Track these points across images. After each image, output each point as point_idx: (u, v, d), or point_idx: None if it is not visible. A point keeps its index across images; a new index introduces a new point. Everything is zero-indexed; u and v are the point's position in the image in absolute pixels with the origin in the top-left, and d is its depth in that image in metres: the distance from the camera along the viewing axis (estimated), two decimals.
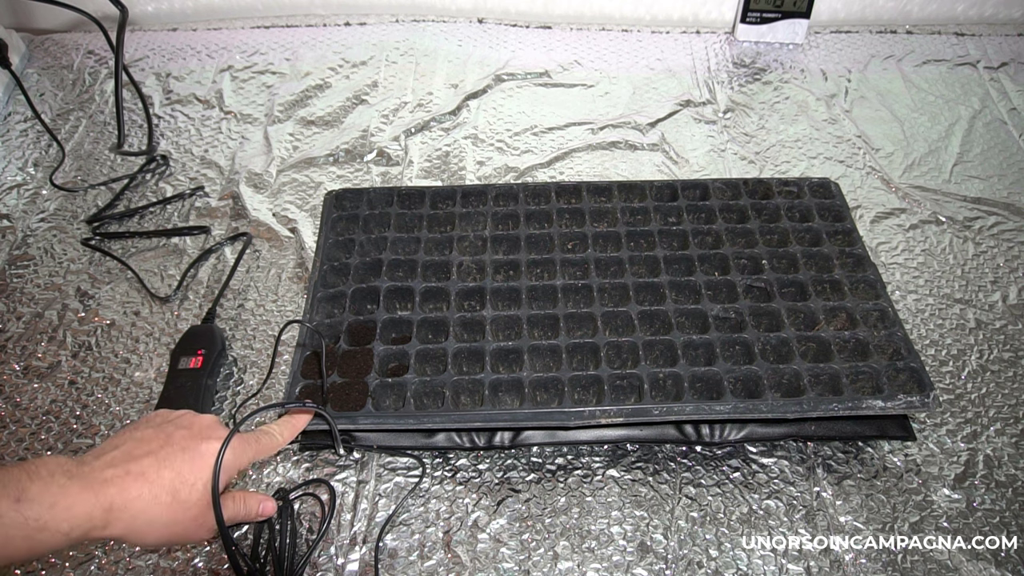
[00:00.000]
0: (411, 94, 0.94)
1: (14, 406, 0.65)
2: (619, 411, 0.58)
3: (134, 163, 0.86)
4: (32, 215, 0.81)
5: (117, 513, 0.42)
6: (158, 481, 0.44)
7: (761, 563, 0.55)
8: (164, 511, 0.44)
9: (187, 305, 0.72)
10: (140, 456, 0.44)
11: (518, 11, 1.07)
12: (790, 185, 0.76)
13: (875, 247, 0.77)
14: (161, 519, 0.44)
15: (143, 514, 0.43)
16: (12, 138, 0.90)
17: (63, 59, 1.00)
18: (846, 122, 0.91)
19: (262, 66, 0.98)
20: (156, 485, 0.44)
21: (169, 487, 0.44)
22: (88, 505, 0.41)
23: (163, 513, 0.44)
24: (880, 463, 0.61)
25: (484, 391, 0.60)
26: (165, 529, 0.45)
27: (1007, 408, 0.65)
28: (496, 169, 0.85)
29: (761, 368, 0.60)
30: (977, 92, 0.95)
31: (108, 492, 0.42)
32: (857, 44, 1.02)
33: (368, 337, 0.64)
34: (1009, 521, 0.58)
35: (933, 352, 0.69)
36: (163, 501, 0.44)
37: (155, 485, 0.44)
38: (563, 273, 0.68)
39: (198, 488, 0.45)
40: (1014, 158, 0.87)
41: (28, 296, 0.73)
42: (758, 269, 0.69)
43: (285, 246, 0.77)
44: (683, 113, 0.92)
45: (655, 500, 0.59)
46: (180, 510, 0.45)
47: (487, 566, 0.55)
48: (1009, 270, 0.75)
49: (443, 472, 0.61)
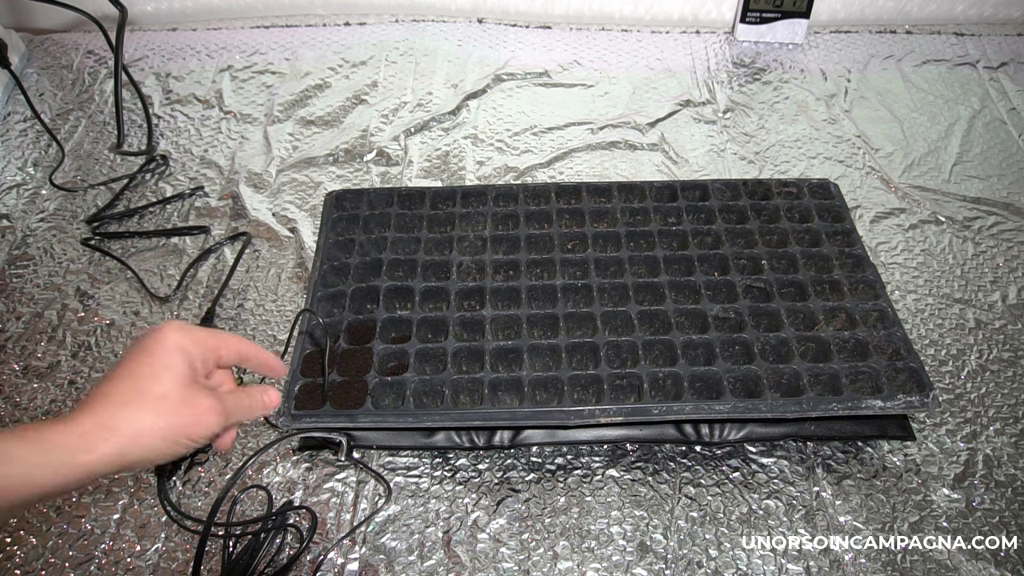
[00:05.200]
0: (411, 94, 0.94)
1: (14, 406, 0.65)
2: (619, 411, 0.58)
3: (134, 163, 0.86)
4: (32, 215, 0.81)
5: (95, 435, 0.40)
6: (120, 391, 0.41)
7: (761, 563, 0.56)
8: (146, 416, 0.41)
9: (187, 305, 0.72)
10: (98, 386, 0.42)
11: (518, 11, 1.07)
12: (789, 186, 0.76)
13: (875, 247, 0.77)
14: (146, 423, 0.41)
15: (125, 425, 0.40)
16: (12, 138, 0.90)
17: (63, 59, 1.00)
18: (846, 122, 0.91)
19: (262, 66, 0.98)
20: (121, 395, 0.41)
21: (135, 390, 0.41)
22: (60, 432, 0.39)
23: (145, 418, 0.41)
24: (880, 463, 0.61)
25: (484, 390, 0.60)
26: (158, 431, 0.42)
27: (1007, 408, 0.65)
28: (496, 169, 0.85)
29: (760, 368, 0.61)
30: (977, 92, 0.95)
31: (78, 419, 0.39)
32: (857, 44, 1.02)
33: (368, 336, 0.64)
34: (1009, 521, 0.58)
35: (933, 352, 0.69)
36: (137, 405, 0.41)
37: (120, 396, 0.41)
38: (563, 273, 0.68)
39: (162, 376, 0.42)
40: (1014, 158, 0.87)
41: (28, 296, 0.73)
42: (758, 269, 0.69)
43: (285, 246, 0.77)
44: (683, 113, 0.92)
45: (655, 500, 0.59)
46: (161, 404, 0.42)
47: (487, 566, 0.55)
48: (1009, 270, 0.75)
49: (443, 472, 0.61)
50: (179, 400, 0.42)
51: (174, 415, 0.42)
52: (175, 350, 0.44)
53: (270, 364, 0.51)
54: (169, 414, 0.42)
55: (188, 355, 0.44)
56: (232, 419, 0.46)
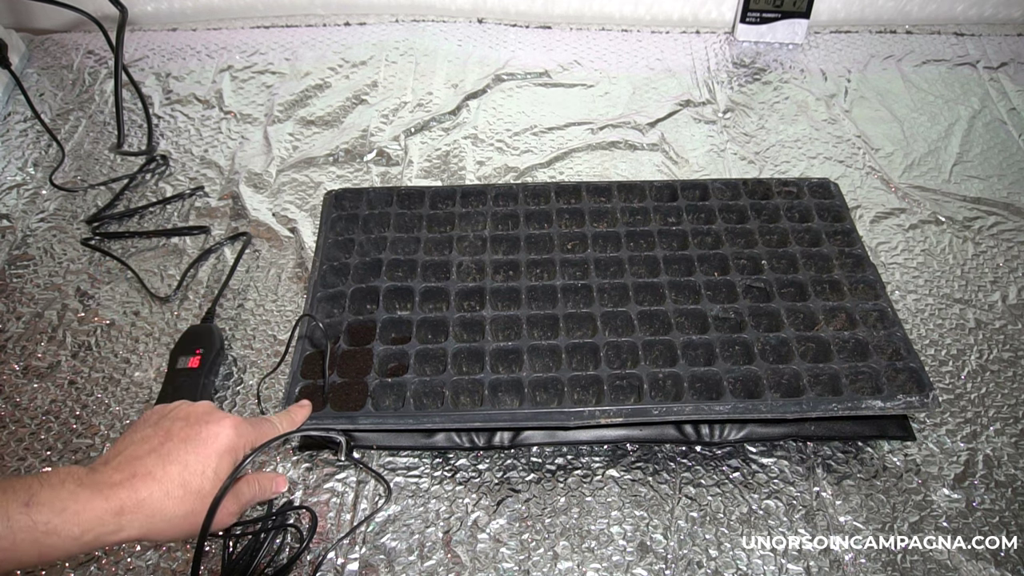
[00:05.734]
0: (411, 94, 0.94)
1: (14, 406, 0.65)
2: (619, 411, 0.58)
3: (134, 163, 0.86)
4: (32, 215, 0.81)
5: (130, 515, 0.42)
6: (166, 477, 0.44)
7: (761, 563, 0.56)
8: (179, 505, 0.44)
9: (187, 305, 0.72)
10: (143, 456, 0.44)
11: (518, 11, 1.07)
12: (789, 185, 0.76)
13: (875, 247, 0.77)
14: (178, 513, 0.44)
15: (159, 512, 0.43)
16: (12, 138, 0.90)
17: (63, 59, 1.00)
18: (846, 122, 0.91)
19: (262, 66, 0.98)
20: (165, 481, 0.44)
21: (179, 480, 0.44)
22: (98, 509, 0.41)
23: (178, 507, 0.44)
24: (880, 463, 0.61)
25: (484, 391, 0.60)
26: (184, 521, 0.45)
27: (1007, 408, 0.65)
28: (496, 169, 0.85)
29: (760, 368, 0.61)
30: (977, 92, 0.95)
31: (118, 495, 0.42)
32: (857, 44, 1.02)
33: (368, 337, 0.64)
34: (1009, 521, 0.58)
35: (933, 352, 0.69)
36: (176, 496, 0.44)
37: (164, 482, 0.44)
38: (563, 273, 0.68)
39: (208, 475, 0.45)
40: (1014, 158, 0.87)
41: (28, 296, 0.73)
42: (758, 269, 0.69)
43: (285, 246, 0.77)
44: (683, 113, 0.92)
45: (655, 500, 0.59)
46: (195, 500, 0.45)
47: (487, 566, 0.55)
48: (1009, 270, 0.75)
49: (443, 472, 0.61)
50: (209, 499, 0.46)
51: (202, 514, 0.45)
52: (226, 452, 0.47)
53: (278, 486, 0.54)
54: (199, 512, 0.45)
55: (234, 458, 0.48)
56: (244, 508, 0.50)
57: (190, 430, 0.46)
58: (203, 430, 0.47)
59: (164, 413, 0.49)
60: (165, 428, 0.47)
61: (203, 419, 0.47)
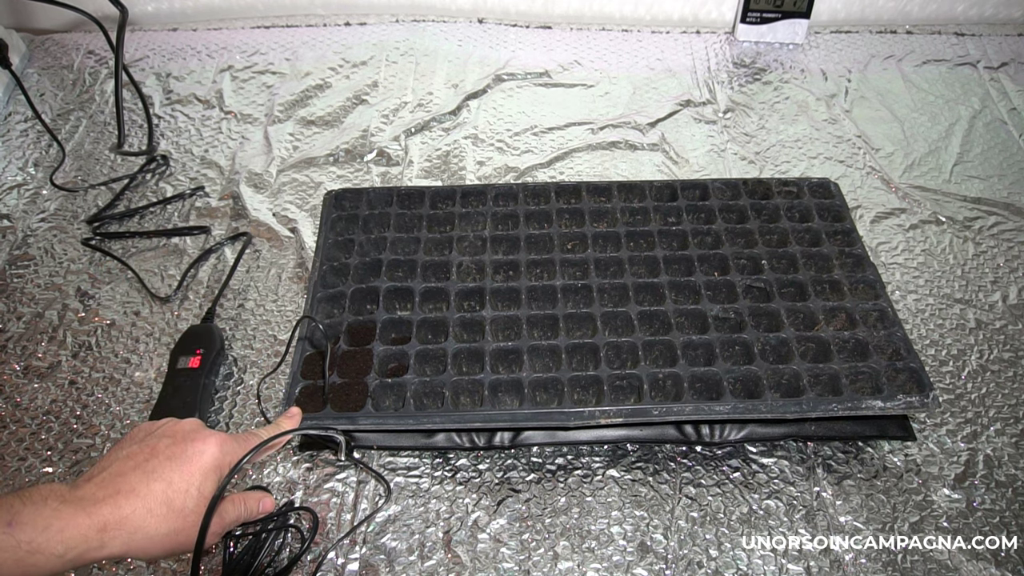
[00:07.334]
0: (411, 94, 0.94)
1: (14, 406, 0.65)
2: (619, 411, 0.58)
3: (134, 163, 0.86)
4: (32, 215, 0.81)
5: (113, 532, 0.42)
6: (150, 495, 0.44)
7: (761, 563, 0.56)
8: (161, 523, 0.44)
9: (187, 305, 0.72)
10: (127, 472, 0.44)
11: (518, 11, 1.07)
12: (790, 185, 0.76)
13: (875, 247, 0.77)
14: (160, 531, 0.44)
15: (141, 530, 0.43)
16: (12, 138, 0.90)
17: (63, 59, 1.00)
18: (846, 122, 0.91)
19: (262, 66, 0.98)
20: (148, 498, 0.44)
21: (162, 498, 0.44)
22: (82, 527, 0.41)
23: (161, 525, 0.44)
24: (880, 463, 0.61)
25: (484, 391, 0.60)
26: (167, 539, 0.44)
27: (1007, 408, 0.65)
28: (496, 169, 0.85)
29: (761, 368, 0.61)
30: (977, 92, 0.95)
31: (101, 512, 0.42)
32: (857, 44, 1.02)
33: (368, 337, 0.64)
34: (1009, 521, 0.58)
35: (933, 352, 0.69)
36: (159, 513, 0.44)
37: (147, 499, 0.44)
38: (563, 273, 0.68)
39: (192, 494, 0.45)
40: (1014, 158, 0.86)
41: (28, 296, 0.73)
42: (758, 269, 0.69)
43: (285, 246, 0.77)
44: (683, 113, 0.92)
45: (655, 500, 0.59)
46: (178, 518, 0.45)
47: (487, 566, 0.55)
48: (1009, 270, 0.75)
49: (443, 472, 0.61)
50: (195, 519, 0.45)
51: (184, 532, 0.45)
52: (211, 470, 0.47)
53: (265, 506, 0.53)
54: (181, 530, 0.45)
55: (219, 475, 0.47)
56: (228, 528, 0.50)
57: (176, 448, 0.46)
58: (188, 448, 0.46)
59: (150, 430, 0.48)
60: (151, 445, 0.46)
61: (189, 437, 0.47)
